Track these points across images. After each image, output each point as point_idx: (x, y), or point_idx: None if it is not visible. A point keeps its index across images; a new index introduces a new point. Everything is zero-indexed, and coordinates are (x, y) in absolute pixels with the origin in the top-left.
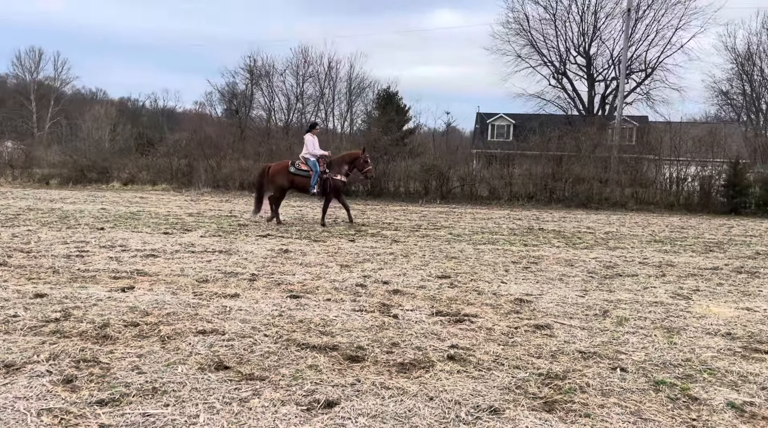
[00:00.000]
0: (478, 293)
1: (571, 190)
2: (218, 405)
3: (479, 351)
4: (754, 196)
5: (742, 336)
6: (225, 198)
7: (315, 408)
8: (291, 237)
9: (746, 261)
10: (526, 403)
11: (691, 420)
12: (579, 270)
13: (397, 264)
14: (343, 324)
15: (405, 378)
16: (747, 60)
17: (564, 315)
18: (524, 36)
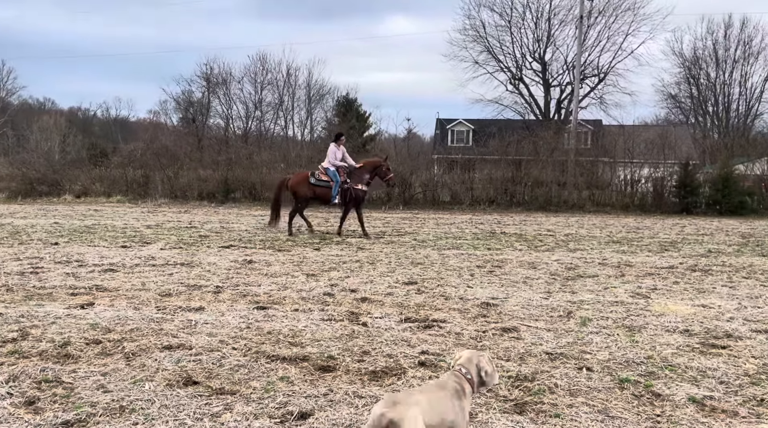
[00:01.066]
0: (446, 298)
1: (531, 193)
2: (189, 421)
3: (449, 356)
4: (704, 196)
5: (699, 332)
6: (184, 208)
7: (289, 420)
8: (254, 247)
9: (699, 259)
10: (497, 406)
11: (655, 416)
12: (542, 272)
13: (364, 271)
14: (312, 334)
15: (378, 385)
16: (693, 64)
17: (530, 318)
18: (481, 42)
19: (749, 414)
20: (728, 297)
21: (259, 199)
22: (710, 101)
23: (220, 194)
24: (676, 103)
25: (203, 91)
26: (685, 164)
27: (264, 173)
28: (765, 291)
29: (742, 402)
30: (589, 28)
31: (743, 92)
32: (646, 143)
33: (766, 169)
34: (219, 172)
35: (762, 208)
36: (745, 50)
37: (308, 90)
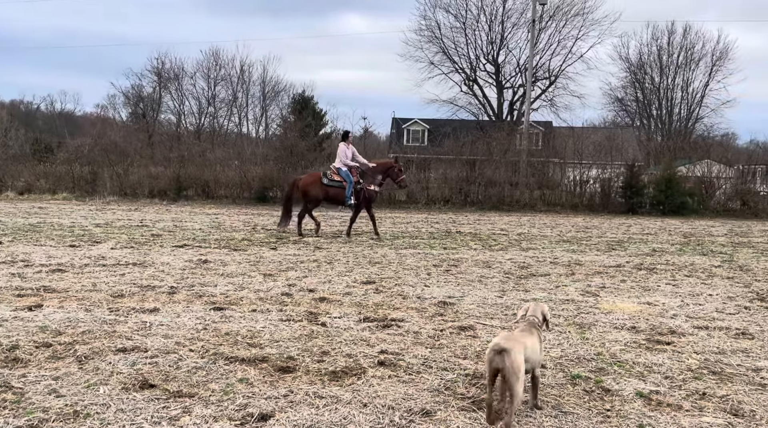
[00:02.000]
0: (403, 297)
1: (485, 193)
2: (147, 425)
3: (408, 355)
4: (648, 197)
5: (645, 329)
6: (134, 206)
7: (249, 422)
8: (209, 246)
9: (645, 258)
10: (455, 404)
11: (605, 410)
12: (496, 271)
13: (322, 271)
14: (271, 335)
15: (338, 386)
16: (639, 69)
17: (485, 316)
18: (436, 43)
19: (692, 407)
20: (672, 295)
21: (212, 197)
22: (654, 105)
23: (172, 192)
24: (623, 107)
25: (154, 86)
26: (631, 166)
27: (218, 171)
28: (705, 288)
29: (685, 396)
30: (541, 31)
31: (685, 97)
32: (595, 145)
33: (706, 171)
34: (171, 169)
35: (702, 208)
36: (687, 56)
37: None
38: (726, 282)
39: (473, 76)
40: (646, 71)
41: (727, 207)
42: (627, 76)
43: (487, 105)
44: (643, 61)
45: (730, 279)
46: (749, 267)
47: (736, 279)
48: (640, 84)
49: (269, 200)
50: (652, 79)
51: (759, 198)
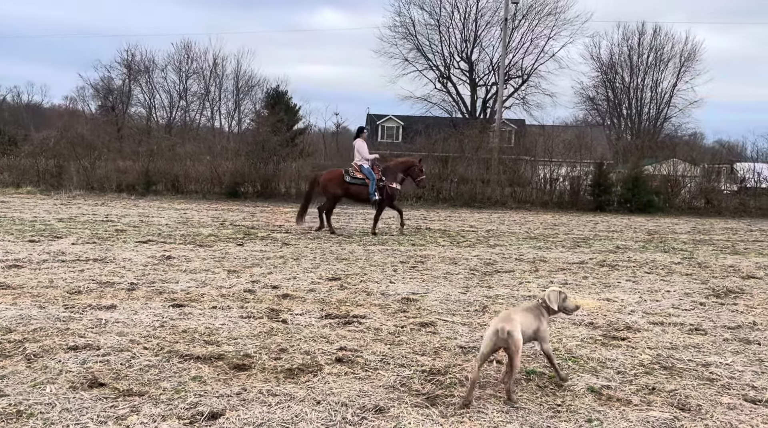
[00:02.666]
0: (368, 294)
1: (456, 189)
2: (92, 425)
3: (367, 352)
4: (616, 195)
5: (602, 325)
6: (101, 201)
7: (198, 421)
8: (174, 242)
9: (608, 255)
10: (409, 400)
11: (556, 405)
12: (462, 267)
13: (288, 267)
14: (229, 332)
15: (293, 383)
16: (610, 69)
17: (447, 312)
18: (411, 40)
19: (641, 402)
20: (631, 291)
21: (182, 192)
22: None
23: (141, 186)
24: (594, 106)
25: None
26: (599, 164)
27: (188, 165)
28: (664, 285)
29: (635, 390)
30: (514, 30)
31: (654, 97)
32: (564, 143)
33: (672, 170)
34: (139, 164)
35: (668, 207)
36: (657, 57)
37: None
38: (684, 279)
39: (447, 74)
40: (616, 71)
41: (691, 205)
42: (598, 76)
43: (460, 102)
44: (614, 61)
45: (688, 275)
46: (708, 264)
47: (694, 275)
48: (610, 83)
49: (240, 195)
50: (623, 78)
51: (722, 196)
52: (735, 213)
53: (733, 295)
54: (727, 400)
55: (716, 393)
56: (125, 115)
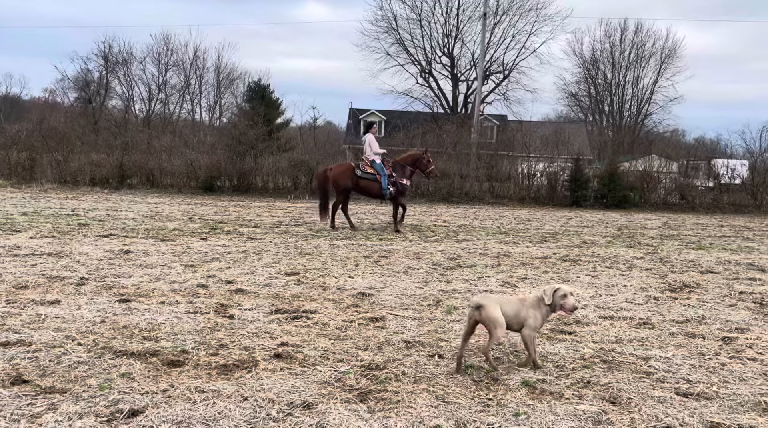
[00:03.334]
0: (324, 289)
1: (435, 185)
2: (4, 423)
3: (308, 348)
4: (592, 190)
5: (551, 319)
6: (72, 194)
7: (117, 418)
8: (137, 236)
9: (573, 249)
10: (340, 396)
11: (487, 399)
12: (425, 262)
13: (248, 262)
14: (171, 328)
15: (225, 379)
16: (592, 65)
17: (400, 307)
18: (392, 34)
19: (573, 395)
20: (588, 285)
21: (157, 186)
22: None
23: (115, 180)
24: (577, 102)
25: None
26: (576, 160)
27: (163, 159)
28: (622, 279)
29: (570, 384)
30: (495, 26)
31: (635, 93)
32: (542, 139)
33: (647, 166)
34: (113, 157)
35: (643, 202)
36: (638, 54)
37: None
38: (643, 274)
39: (428, 68)
40: (599, 67)
41: (666, 201)
42: (581, 72)
43: (442, 97)
44: (596, 57)
45: (648, 270)
46: (669, 258)
47: (653, 270)
48: (593, 80)
49: (216, 190)
50: (605, 75)
51: (697, 192)
52: (708, 209)
53: (688, 290)
54: (659, 393)
55: (650, 386)
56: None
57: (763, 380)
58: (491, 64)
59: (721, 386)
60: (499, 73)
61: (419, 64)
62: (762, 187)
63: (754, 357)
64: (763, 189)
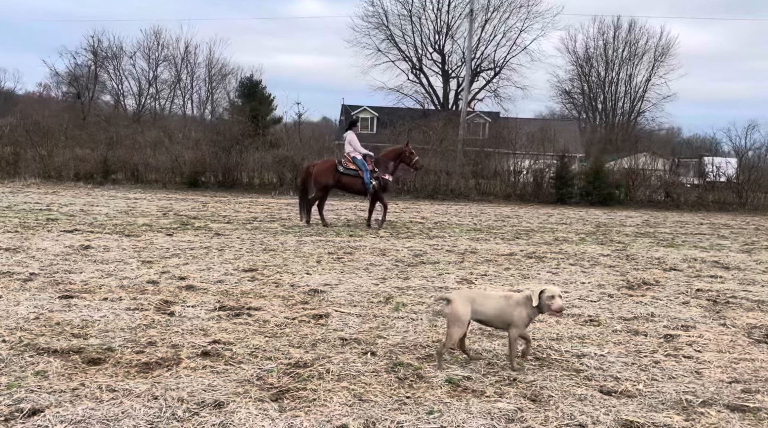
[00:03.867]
0: (277, 285)
1: (420, 181)
2: None
3: (239, 345)
4: (578, 187)
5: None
6: (53, 189)
7: (16, 417)
8: (102, 232)
9: (541, 246)
10: (256, 395)
11: (405, 397)
12: (388, 259)
13: (208, 258)
14: (105, 325)
15: (142, 378)
16: (586, 62)
17: (349, 304)
18: (383, 30)
19: (494, 393)
20: (546, 282)
21: (142, 181)
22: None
23: (99, 175)
24: (570, 99)
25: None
26: (561, 157)
27: (148, 154)
28: (582, 276)
29: (495, 382)
30: (486, 22)
31: (628, 91)
32: (527, 136)
33: (632, 163)
34: (98, 152)
35: (628, 200)
36: (631, 51)
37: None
38: (605, 271)
39: (419, 65)
40: (592, 65)
41: (651, 198)
42: (574, 69)
43: (432, 94)
44: (590, 55)
45: (611, 267)
46: (636, 256)
47: (616, 267)
48: (586, 77)
49: (201, 185)
50: (598, 72)
51: (682, 190)
52: (693, 206)
53: (645, 287)
54: (581, 391)
55: (575, 384)
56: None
57: (692, 378)
58: (482, 60)
59: (648, 384)
60: (489, 70)
61: (410, 60)
62: (747, 184)
63: (691, 355)
64: (748, 186)
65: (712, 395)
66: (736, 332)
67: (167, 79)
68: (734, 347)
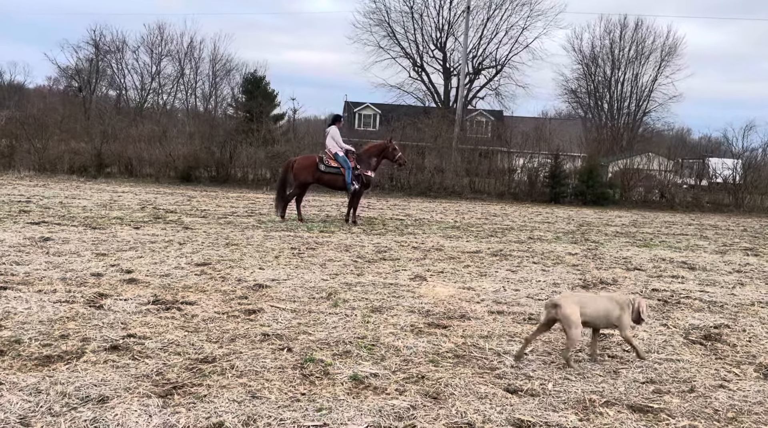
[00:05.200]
0: (224, 280)
1: (414, 178)
2: None
3: (154, 340)
4: (572, 187)
5: (437, 313)
6: (44, 182)
7: None
8: (69, 224)
9: (511, 244)
10: (146, 390)
11: (300, 394)
12: (350, 255)
13: (165, 252)
14: (26, 317)
15: (36, 371)
16: (592, 61)
17: (289, 299)
18: (385, 27)
19: (395, 390)
20: (501, 280)
21: (135, 175)
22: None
23: (93, 168)
24: (576, 98)
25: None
26: (555, 155)
27: (141, 148)
28: (540, 275)
29: (402, 379)
30: (488, 20)
31: (635, 91)
32: (523, 134)
33: (627, 163)
34: (92, 145)
35: (623, 200)
36: (638, 51)
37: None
38: (566, 270)
39: (420, 62)
40: (598, 64)
41: (647, 199)
42: (580, 68)
43: (434, 91)
44: (596, 54)
45: (573, 266)
46: (604, 256)
47: (579, 266)
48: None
49: (194, 180)
50: (604, 72)
51: (677, 190)
52: (688, 207)
53: (601, 286)
54: (485, 389)
55: (483, 382)
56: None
57: (607, 378)
58: (484, 58)
59: (558, 383)
60: (491, 68)
61: (411, 57)
62: (743, 186)
63: (616, 355)
64: (743, 188)
65: (619, 395)
66: (674, 332)
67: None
68: (665, 347)
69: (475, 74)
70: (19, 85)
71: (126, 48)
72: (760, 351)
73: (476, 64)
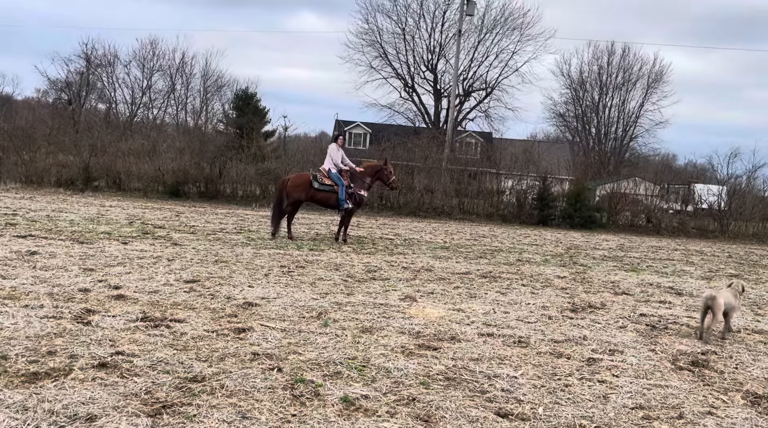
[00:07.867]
0: (213, 297)
1: (404, 198)
2: None
3: (143, 357)
4: (559, 209)
5: (428, 334)
6: (31, 195)
7: None
8: (56, 238)
9: (501, 266)
10: (135, 409)
11: (291, 416)
12: (340, 274)
13: (153, 268)
14: (12, 333)
15: (24, 388)
16: (580, 86)
17: (279, 318)
18: (377, 48)
19: (386, 413)
20: (491, 302)
21: (124, 190)
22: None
23: (81, 182)
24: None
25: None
26: (543, 178)
27: (130, 162)
28: (529, 297)
29: (393, 401)
30: (479, 43)
31: (622, 116)
32: (512, 156)
33: (615, 187)
34: (80, 158)
35: (611, 224)
36: (625, 77)
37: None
38: (554, 293)
39: (411, 83)
40: (586, 89)
41: (633, 223)
42: (569, 93)
43: (424, 112)
44: (584, 79)
45: (562, 289)
46: (592, 279)
47: (568, 290)
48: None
49: (182, 195)
50: (592, 97)
51: (664, 215)
52: (674, 232)
53: (589, 310)
54: (476, 413)
55: (474, 405)
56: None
57: (597, 403)
58: (474, 80)
59: (548, 408)
60: (481, 90)
61: (402, 78)
62: (728, 212)
63: (605, 380)
64: (728, 214)
65: (609, 421)
66: (663, 358)
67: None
68: (654, 373)
69: (466, 96)
70: (8, 97)
71: (117, 62)
72: (747, 378)
73: (467, 86)
